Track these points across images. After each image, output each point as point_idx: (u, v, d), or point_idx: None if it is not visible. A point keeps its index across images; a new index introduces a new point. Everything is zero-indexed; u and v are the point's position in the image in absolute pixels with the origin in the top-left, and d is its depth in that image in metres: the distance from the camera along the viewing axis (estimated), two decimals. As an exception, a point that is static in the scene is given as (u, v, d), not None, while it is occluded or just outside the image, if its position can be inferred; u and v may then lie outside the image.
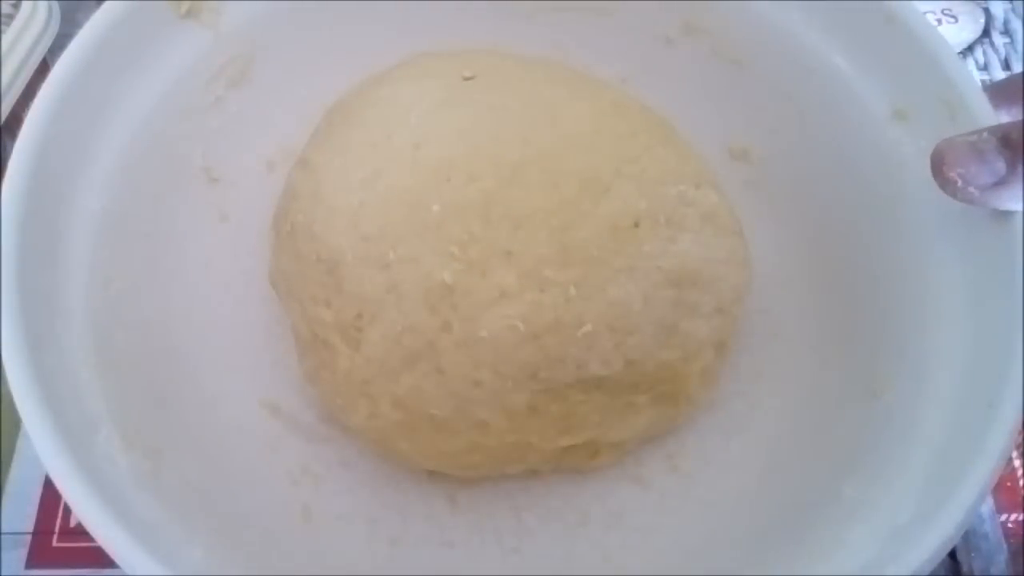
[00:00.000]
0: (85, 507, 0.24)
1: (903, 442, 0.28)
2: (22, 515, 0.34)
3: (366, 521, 0.32)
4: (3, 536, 0.34)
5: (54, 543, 0.34)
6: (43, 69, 0.41)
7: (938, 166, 0.27)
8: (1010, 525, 0.34)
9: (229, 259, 0.35)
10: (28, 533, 0.34)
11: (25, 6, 0.42)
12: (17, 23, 0.41)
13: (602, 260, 0.28)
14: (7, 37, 0.41)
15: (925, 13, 0.32)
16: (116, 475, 0.26)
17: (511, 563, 0.31)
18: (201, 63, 0.34)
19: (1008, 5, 0.48)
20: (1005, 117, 0.28)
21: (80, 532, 0.29)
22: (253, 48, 0.35)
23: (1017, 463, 0.36)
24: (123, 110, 0.31)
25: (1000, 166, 0.25)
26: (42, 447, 0.24)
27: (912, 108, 0.31)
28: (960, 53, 0.46)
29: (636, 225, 0.29)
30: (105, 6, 0.31)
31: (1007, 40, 0.48)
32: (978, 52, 0.47)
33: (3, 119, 0.40)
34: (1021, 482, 0.36)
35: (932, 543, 0.24)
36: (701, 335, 0.30)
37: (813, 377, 0.33)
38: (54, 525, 0.34)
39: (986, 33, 0.48)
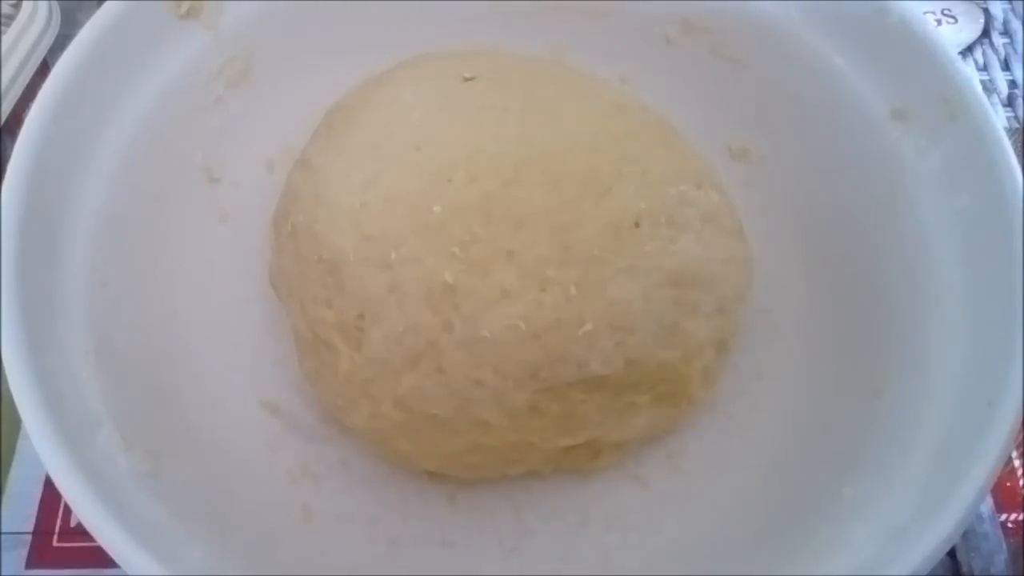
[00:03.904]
0: (85, 507, 0.24)
1: (903, 442, 0.28)
2: (22, 515, 0.34)
3: (366, 521, 0.32)
4: (3, 536, 0.34)
5: (54, 543, 0.34)
6: (43, 69, 0.41)
7: None
8: (1010, 525, 0.34)
9: (229, 259, 0.35)
10: (28, 533, 0.34)
11: (25, 6, 0.42)
12: (17, 23, 0.41)
13: (603, 260, 0.28)
14: (7, 37, 0.41)
15: (925, 13, 0.32)
16: (116, 475, 0.26)
17: (511, 563, 0.31)
18: (201, 63, 0.34)
19: (1008, 5, 0.49)
20: None
21: (80, 532, 0.29)
22: (253, 48, 0.35)
23: (1017, 463, 0.36)
24: (123, 110, 0.31)
25: None
26: (42, 447, 0.24)
27: (912, 108, 0.31)
28: (960, 53, 0.46)
29: (637, 225, 0.29)
30: (105, 6, 0.31)
31: (1007, 40, 0.48)
32: (978, 52, 0.47)
33: (3, 119, 0.40)
34: (1021, 482, 0.36)
35: (932, 542, 0.24)
36: (701, 335, 0.30)
37: (813, 377, 0.33)
38: (54, 525, 0.34)
39: (986, 33, 0.48)
